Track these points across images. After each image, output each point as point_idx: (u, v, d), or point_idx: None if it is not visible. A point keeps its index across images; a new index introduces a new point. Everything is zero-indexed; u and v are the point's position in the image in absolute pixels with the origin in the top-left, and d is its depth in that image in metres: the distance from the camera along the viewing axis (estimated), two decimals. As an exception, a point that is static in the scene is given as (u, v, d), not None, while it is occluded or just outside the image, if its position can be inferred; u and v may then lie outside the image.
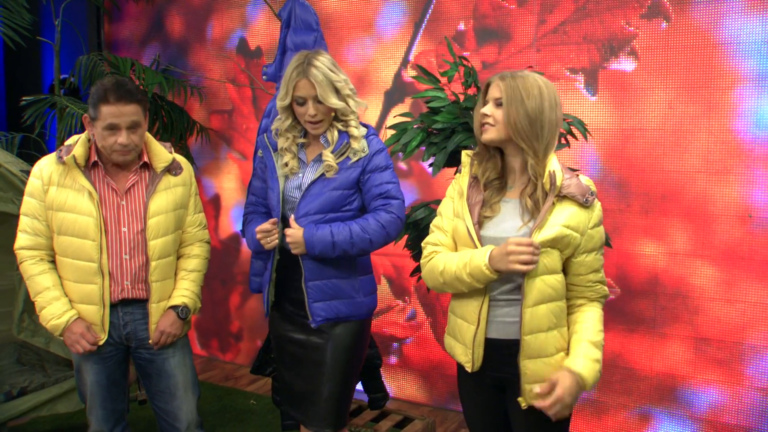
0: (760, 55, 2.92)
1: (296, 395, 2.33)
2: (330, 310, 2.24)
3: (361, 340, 2.32)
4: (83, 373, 2.40)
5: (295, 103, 2.19)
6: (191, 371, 2.48)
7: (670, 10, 3.07)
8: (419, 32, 3.67)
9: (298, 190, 2.23)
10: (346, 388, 2.30)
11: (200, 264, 2.49)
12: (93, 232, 2.25)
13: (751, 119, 2.96)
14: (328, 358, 2.25)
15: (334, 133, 2.22)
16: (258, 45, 4.15)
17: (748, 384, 3.07)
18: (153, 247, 2.31)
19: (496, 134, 1.85)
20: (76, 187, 2.26)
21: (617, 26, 3.18)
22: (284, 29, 2.55)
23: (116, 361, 2.41)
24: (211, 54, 4.31)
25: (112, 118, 2.17)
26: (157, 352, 2.40)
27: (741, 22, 2.94)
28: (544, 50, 3.36)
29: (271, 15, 4.07)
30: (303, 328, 2.28)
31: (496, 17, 3.46)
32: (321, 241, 2.15)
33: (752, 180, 2.98)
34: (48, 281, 2.28)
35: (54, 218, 2.27)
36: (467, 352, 1.93)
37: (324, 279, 2.23)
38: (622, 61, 3.19)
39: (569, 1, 3.28)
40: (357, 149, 2.22)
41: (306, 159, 2.26)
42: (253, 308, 4.38)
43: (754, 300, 3.01)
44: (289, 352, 2.34)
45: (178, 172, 2.40)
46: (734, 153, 3.00)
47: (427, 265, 1.99)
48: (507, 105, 1.82)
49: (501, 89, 1.83)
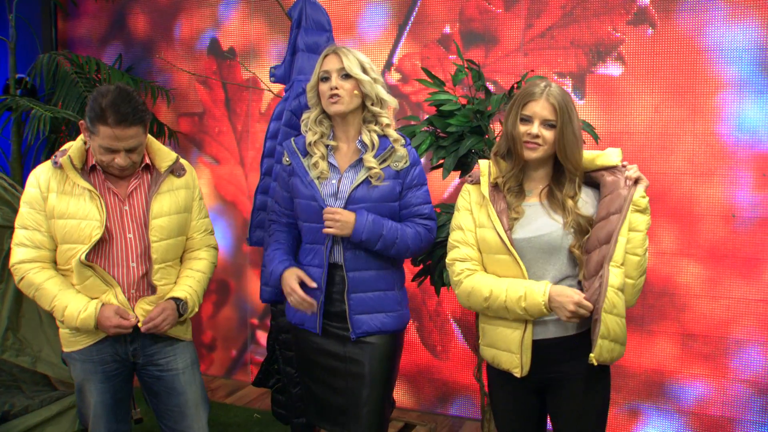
0: (741, 61, 3.06)
1: (333, 409, 2.23)
2: (373, 323, 2.17)
3: (399, 350, 2.27)
4: (86, 394, 2.25)
5: (320, 81, 2.12)
6: (201, 387, 2.36)
7: (656, 17, 3.17)
8: (403, 34, 3.65)
9: (333, 198, 2.13)
10: (387, 398, 2.24)
11: (206, 266, 2.34)
12: (96, 235, 2.10)
13: (734, 123, 3.09)
14: (368, 370, 2.17)
15: (372, 136, 2.13)
16: (231, 46, 4.03)
17: (732, 376, 3.20)
18: (156, 249, 2.18)
19: (544, 153, 1.88)
20: (76, 192, 2.12)
21: (604, 32, 3.26)
22: (294, 29, 2.47)
23: (122, 379, 2.27)
24: (179, 54, 4.14)
25: (109, 142, 2.02)
26: (166, 369, 2.27)
27: (723, 30, 3.07)
28: (531, 54, 3.40)
29: (245, 15, 3.96)
30: (339, 340, 2.19)
31: (482, 21, 3.48)
32: (371, 230, 2.07)
33: (735, 181, 3.10)
34: (59, 283, 2.12)
35: (56, 227, 2.12)
36: (514, 358, 1.92)
37: (368, 291, 2.16)
38: (610, 65, 3.27)
39: (556, 7, 3.33)
40: (402, 155, 2.15)
41: (337, 164, 2.16)
42: (227, 318, 4.25)
43: (738, 296, 3.14)
44: (321, 365, 2.23)
45: (182, 174, 2.28)
46: (718, 155, 3.13)
47: (463, 285, 1.96)
48: (562, 127, 1.85)
49: (554, 111, 1.85)
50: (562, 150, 1.86)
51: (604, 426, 1.99)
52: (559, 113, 1.84)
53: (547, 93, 1.86)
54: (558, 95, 1.86)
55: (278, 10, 3.88)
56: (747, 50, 3.04)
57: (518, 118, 1.89)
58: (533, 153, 1.87)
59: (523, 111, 1.88)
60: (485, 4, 3.47)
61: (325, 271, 2.14)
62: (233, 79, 4.03)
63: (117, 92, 2.02)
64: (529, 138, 1.86)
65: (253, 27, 3.96)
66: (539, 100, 1.86)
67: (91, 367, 2.21)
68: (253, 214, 2.55)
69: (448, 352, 3.71)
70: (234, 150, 4.09)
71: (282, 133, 2.39)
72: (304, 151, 2.18)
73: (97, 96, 2.03)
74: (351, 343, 2.18)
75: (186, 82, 4.15)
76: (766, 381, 3.14)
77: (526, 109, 1.88)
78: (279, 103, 2.48)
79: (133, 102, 2.03)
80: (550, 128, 1.86)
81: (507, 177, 1.93)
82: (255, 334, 4.13)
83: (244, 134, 4.04)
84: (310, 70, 2.44)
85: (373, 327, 2.17)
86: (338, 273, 2.16)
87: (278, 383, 2.77)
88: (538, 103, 1.86)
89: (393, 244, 2.12)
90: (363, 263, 2.16)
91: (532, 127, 1.86)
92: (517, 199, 1.93)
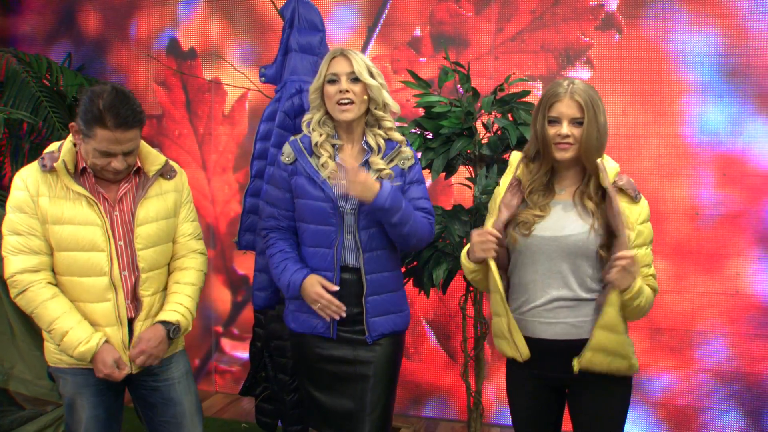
0: (702, 67, 3.21)
1: (339, 415, 2.19)
2: (387, 325, 2.15)
3: (402, 350, 2.25)
4: (77, 410, 2.12)
5: (327, 84, 2.08)
6: (196, 396, 2.27)
7: (623, 23, 3.29)
8: (373, 37, 3.64)
9: (344, 199, 2.09)
10: (392, 400, 2.22)
11: (195, 277, 2.21)
12: (101, 242, 2.01)
13: (697, 125, 3.25)
14: (373, 372, 2.15)
15: (378, 139, 2.12)
16: (192, 46, 3.90)
17: (697, 367, 3.35)
18: (143, 257, 2.08)
19: (576, 152, 1.89)
20: (70, 196, 2.00)
21: (573, 37, 3.35)
22: (287, 29, 2.41)
23: (115, 392, 2.16)
24: (135, 54, 3.99)
25: (108, 146, 1.92)
26: (162, 379, 2.18)
27: (686, 37, 3.22)
28: (502, 57, 3.46)
29: (206, 14, 3.85)
30: (349, 344, 2.15)
31: (453, 24, 3.52)
32: (394, 197, 2.01)
33: (698, 181, 3.26)
34: (64, 305, 1.99)
35: (50, 233, 1.99)
36: (510, 344, 1.96)
37: (382, 293, 2.14)
38: (579, 69, 3.37)
39: (527, 11, 3.40)
40: (409, 155, 2.14)
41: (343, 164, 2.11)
42: (188, 326, 4.10)
43: (702, 290, 3.29)
44: (328, 371, 2.18)
45: (172, 176, 2.19)
46: (682, 156, 3.27)
47: None
48: (587, 124, 1.85)
49: (581, 108, 1.85)
50: (583, 148, 1.86)
51: (624, 425, 2.03)
52: (585, 109, 1.85)
53: (571, 91, 1.86)
54: (583, 91, 1.86)
55: (242, 10, 3.81)
56: (708, 56, 3.20)
57: (546, 120, 1.90)
58: (565, 153, 1.88)
59: (549, 113, 1.88)
60: (456, 7, 3.51)
61: (337, 274, 2.10)
62: (194, 80, 3.91)
63: (114, 93, 1.92)
64: (560, 139, 1.87)
65: (215, 27, 3.85)
66: (564, 99, 1.86)
67: (83, 381, 2.09)
68: (243, 217, 2.48)
69: (420, 354, 3.72)
70: (196, 153, 3.97)
71: (275, 134, 2.34)
72: (310, 150, 2.13)
73: (92, 97, 1.91)
74: (362, 347, 2.15)
75: (143, 83, 4.00)
76: (728, 370, 3.31)
77: (552, 111, 1.88)
78: (270, 104, 2.42)
79: (131, 103, 1.94)
80: (579, 126, 1.86)
81: (533, 179, 1.95)
82: (219, 342, 4.01)
83: (206, 137, 3.92)
84: (304, 70, 2.40)
85: (387, 328, 2.16)
86: (346, 276, 2.13)
87: (265, 391, 2.70)
88: (563, 102, 1.86)
89: (409, 221, 2.07)
90: (381, 265, 2.14)
91: (561, 128, 1.86)
92: (544, 197, 1.95)
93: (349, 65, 2.07)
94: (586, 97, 1.85)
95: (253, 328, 2.75)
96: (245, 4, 3.80)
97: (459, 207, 2.73)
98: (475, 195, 2.68)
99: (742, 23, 3.16)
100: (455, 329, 3.64)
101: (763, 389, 3.29)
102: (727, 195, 3.24)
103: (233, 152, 3.89)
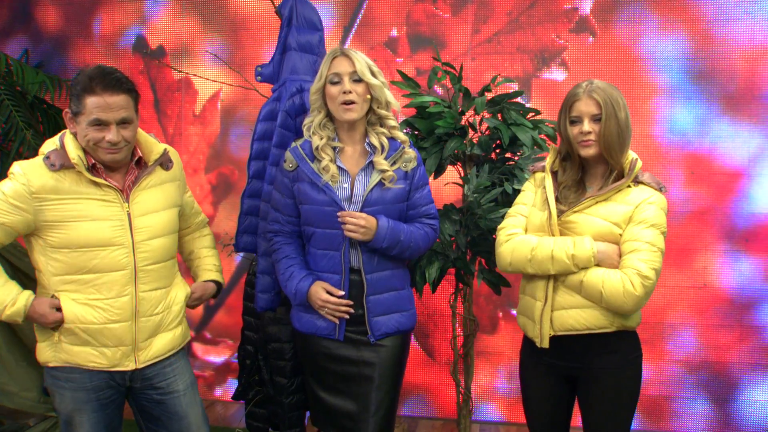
0: (671, 69, 3.35)
1: (343, 415, 2.18)
2: (390, 324, 2.15)
3: (407, 352, 2.26)
4: (76, 427, 2.01)
5: (329, 84, 2.07)
6: (201, 408, 2.21)
7: (596, 26, 3.39)
8: (349, 37, 3.63)
9: (348, 202, 2.09)
10: (396, 401, 2.22)
11: (212, 241, 2.37)
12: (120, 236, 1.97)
13: (666, 126, 3.38)
14: (378, 374, 2.15)
15: (381, 138, 2.12)
16: (160, 44, 3.80)
17: (668, 358, 3.48)
18: (141, 249, 2.01)
19: (597, 149, 1.95)
20: (84, 193, 1.94)
21: (548, 39, 3.43)
22: (285, 27, 2.37)
23: (116, 406, 2.08)
24: (99, 52, 3.85)
25: (99, 113, 1.88)
26: (167, 392, 2.11)
27: (656, 41, 3.35)
28: (479, 59, 3.51)
29: (175, 12, 3.76)
30: (354, 344, 2.15)
31: (429, 25, 3.55)
32: (392, 237, 2.07)
33: (668, 179, 3.39)
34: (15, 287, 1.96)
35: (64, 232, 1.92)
36: (536, 327, 2.02)
37: (384, 292, 2.14)
38: (554, 71, 3.45)
39: (503, 13, 3.46)
40: (411, 156, 2.15)
41: (345, 167, 2.12)
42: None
43: (671, 284, 3.43)
44: (333, 372, 2.18)
45: (170, 166, 2.12)
46: (653, 155, 3.40)
47: (510, 243, 2.04)
48: (605, 120, 1.92)
49: (599, 105, 1.93)
50: (602, 143, 1.93)
51: (632, 420, 2.10)
52: (603, 106, 1.92)
53: (589, 90, 1.94)
54: (601, 90, 1.94)
55: (213, 8, 3.73)
56: (677, 59, 3.34)
57: (568, 120, 1.97)
58: (589, 150, 1.95)
59: (571, 114, 1.97)
60: (432, 8, 3.54)
61: (345, 276, 2.10)
62: (163, 78, 3.80)
63: (100, 66, 1.94)
64: (582, 136, 1.93)
65: (185, 25, 3.76)
66: (583, 98, 1.94)
67: (83, 396, 2.00)
68: (240, 218, 2.43)
69: (399, 353, 3.72)
70: (165, 154, 3.86)
71: (277, 134, 2.30)
72: (311, 155, 2.12)
73: (79, 73, 1.93)
74: (366, 347, 2.15)
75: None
76: (697, 360, 3.46)
77: (573, 111, 1.96)
78: (267, 103, 2.38)
79: (118, 73, 1.95)
80: (599, 122, 1.93)
81: (566, 177, 2.04)
82: (191, 346, 3.92)
83: (176, 137, 3.82)
84: (304, 69, 2.37)
85: (391, 328, 2.16)
86: (353, 277, 2.13)
87: (258, 395, 2.65)
88: (582, 101, 1.94)
89: (408, 247, 2.14)
90: (380, 264, 2.14)
91: (582, 126, 1.93)
92: (576, 194, 2.01)
93: (351, 65, 2.07)
94: (604, 95, 1.93)
95: (243, 331, 2.70)
96: (216, 2, 3.72)
97: (450, 206, 2.76)
98: (466, 194, 2.71)
99: (707, 28, 3.31)
100: (433, 328, 3.68)
101: (729, 377, 3.45)
102: (695, 192, 3.38)
103: (205, 153, 3.81)
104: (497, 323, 3.62)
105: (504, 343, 3.62)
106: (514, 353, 3.58)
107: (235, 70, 3.54)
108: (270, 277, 2.33)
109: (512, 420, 3.63)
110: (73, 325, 1.95)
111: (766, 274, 3.38)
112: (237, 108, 3.74)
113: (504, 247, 2.06)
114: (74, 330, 1.96)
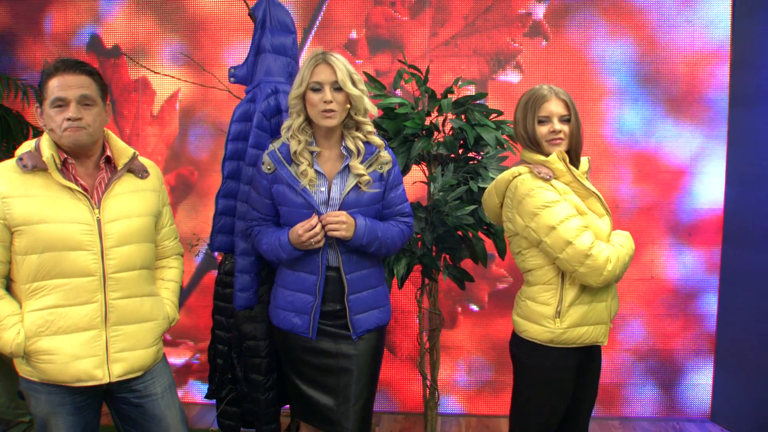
0: (620, 73, 3.52)
1: (322, 407, 2.24)
2: (371, 321, 2.22)
3: (383, 344, 2.32)
4: (51, 430, 2.00)
5: (310, 91, 2.12)
6: (180, 410, 2.21)
7: (549, 31, 3.53)
8: (309, 38, 3.66)
9: (325, 205, 2.15)
10: (374, 393, 2.28)
11: (178, 275, 2.25)
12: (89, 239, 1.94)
13: (615, 126, 3.55)
14: (356, 366, 2.22)
15: (357, 142, 2.18)
16: (116, 43, 3.74)
17: (619, 347, 3.66)
18: (112, 256, 1.98)
19: (567, 146, 2.10)
20: (54, 194, 1.92)
21: (504, 42, 3.56)
22: (258, 30, 2.39)
23: (93, 409, 2.06)
24: (51, 50, 3.76)
25: (59, 91, 1.90)
26: (145, 395, 2.10)
27: (605, 46, 3.51)
28: (436, 61, 3.61)
29: (131, 11, 3.71)
30: (332, 338, 2.21)
31: (388, 27, 3.62)
32: (370, 234, 2.14)
33: (618, 177, 3.56)
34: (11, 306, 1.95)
35: (31, 234, 1.90)
36: (605, 327, 2.14)
37: (363, 290, 2.21)
38: (509, 73, 3.58)
39: (459, 17, 3.57)
40: (387, 159, 2.22)
41: (322, 170, 2.17)
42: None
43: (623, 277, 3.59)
44: (312, 364, 2.24)
45: (145, 176, 2.11)
46: (603, 155, 3.57)
47: (609, 257, 2.01)
48: (575, 121, 2.08)
49: (567, 107, 2.08)
50: (574, 142, 2.08)
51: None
52: (571, 108, 2.08)
53: (556, 92, 2.09)
54: (564, 93, 2.10)
55: (170, 8, 3.70)
56: (624, 63, 3.52)
57: (536, 120, 2.07)
58: (558, 147, 2.07)
59: (539, 113, 2.07)
60: (391, 11, 3.61)
61: (322, 276, 2.16)
62: (119, 78, 3.75)
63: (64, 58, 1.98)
64: (553, 135, 2.05)
65: (142, 24, 3.72)
66: (552, 99, 2.07)
67: (58, 399, 1.98)
68: (215, 218, 2.44)
69: (361, 350, 3.78)
70: (121, 155, 3.80)
71: (253, 135, 2.32)
72: (288, 159, 2.16)
73: (44, 66, 1.97)
74: (344, 339, 2.22)
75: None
76: (645, 348, 3.65)
77: (542, 111, 2.07)
78: (240, 104, 2.40)
79: (81, 61, 1.98)
80: (566, 123, 2.09)
81: None
82: (150, 350, 3.87)
83: (133, 137, 3.77)
84: (278, 71, 2.40)
85: (371, 324, 2.23)
86: (331, 274, 2.18)
87: (231, 393, 2.67)
88: (551, 102, 2.07)
89: (385, 244, 2.20)
90: (358, 264, 2.21)
91: (552, 125, 2.06)
92: None
93: (333, 74, 2.11)
94: (568, 98, 2.10)
95: (213, 330, 2.71)
96: (173, 2, 3.69)
97: (417, 204, 2.83)
98: (432, 192, 2.79)
99: (652, 34, 3.50)
100: (395, 324, 3.75)
101: (674, 364, 3.66)
102: (642, 189, 3.57)
103: (163, 154, 3.77)
104: (456, 318, 3.72)
105: (463, 337, 3.72)
106: (473, 347, 3.71)
107: (208, 71, 3.52)
108: (249, 276, 2.35)
109: (472, 412, 3.74)
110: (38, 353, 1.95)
111: (707, 266, 3.59)
112: (196, 108, 3.73)
113: (614, 265, 2.02)
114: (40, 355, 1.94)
